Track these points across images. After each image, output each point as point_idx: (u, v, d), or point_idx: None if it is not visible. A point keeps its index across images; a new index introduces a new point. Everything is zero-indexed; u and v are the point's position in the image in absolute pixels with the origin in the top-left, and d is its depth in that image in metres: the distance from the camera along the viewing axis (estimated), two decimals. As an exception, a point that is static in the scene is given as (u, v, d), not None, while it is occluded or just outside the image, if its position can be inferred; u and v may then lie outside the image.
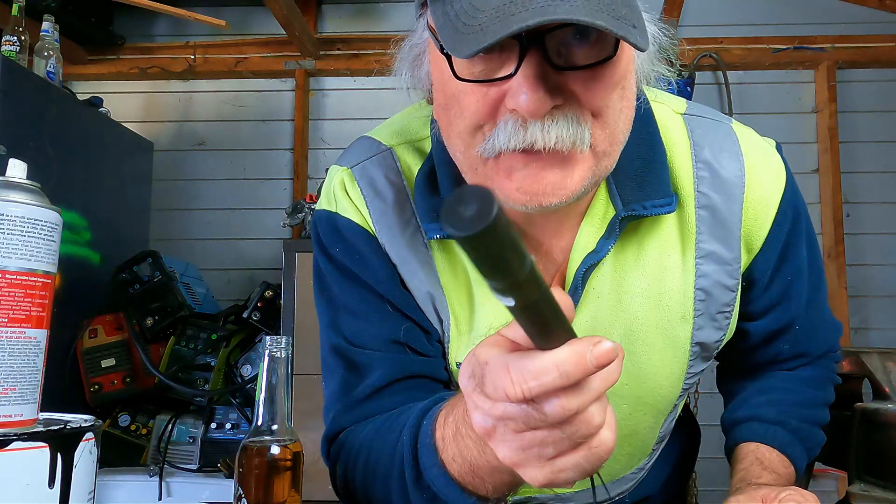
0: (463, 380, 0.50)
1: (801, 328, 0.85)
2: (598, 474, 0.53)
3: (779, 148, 0.82)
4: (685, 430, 1.05)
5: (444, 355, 0.82)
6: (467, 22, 0.56)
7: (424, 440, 0.65)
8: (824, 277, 0.89)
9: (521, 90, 0.58)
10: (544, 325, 0.43)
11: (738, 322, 0.82)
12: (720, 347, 0.83)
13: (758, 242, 0.78)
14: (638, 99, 0.69)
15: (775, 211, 0.78)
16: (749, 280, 0.81)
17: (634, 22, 0.56)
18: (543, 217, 0.74)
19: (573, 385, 0.45)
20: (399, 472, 0.69)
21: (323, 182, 0.86)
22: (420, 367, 0.80)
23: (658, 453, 0.95)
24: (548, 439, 0.48)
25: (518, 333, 0.48)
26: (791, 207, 0.79)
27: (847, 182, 2.75)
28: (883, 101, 2.81)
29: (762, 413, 0.86)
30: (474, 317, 0.79)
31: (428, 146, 0.80)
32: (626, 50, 0.63)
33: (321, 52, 2.85)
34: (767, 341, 0.86)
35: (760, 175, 0.77)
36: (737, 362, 0.92)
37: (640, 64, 0.68)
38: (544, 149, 0.60)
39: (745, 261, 0.79)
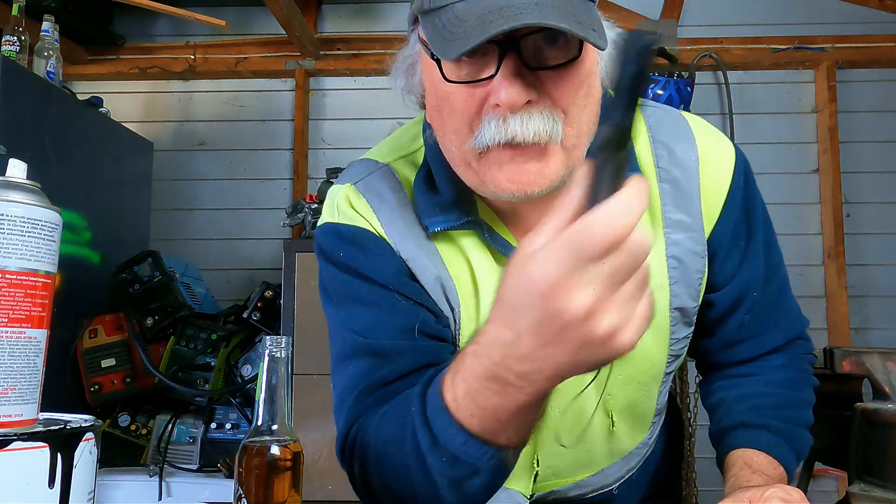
0: (549, 272, 0.51)
1: (760, 297, 0.90)
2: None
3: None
4: (670, 407, 1.08)
5: (455, 342, 0.85)
6: (453, 30, 0.66)
7: (434, 406, 0.67)
8: (783, 263, 0.94)
9: (501, 87, 0.67)
10: (615, 175, 0.51)
11: (705, 295, 0.88)
12: (697, 311, 0.90)
13: (716, 212, 0.85)
14: (603, 96, 0.78)
15: (728, 183, 0.86)
16: (713, 250, 0.87)
17: (594, 26, 0.66)
18: (530, 206, 0.79)
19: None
20: (413, 444, 0.70)
21: (323, 197, 0.88)
22: (446, 353, 0.82)
23: (658, 426, 0.99)
24: (639, 282, 0.52)
25: (560, 220, 0.51)
26: (743, 179, 0.87)
27: (847, 182, 2.75)
28: (883, 101, 2.81)
29: (745, 419, 0.88)
30: (479, 305, 0.84)
31: (420, 158, 0.87)
32: (589, 52, 0.72)
33: (321, 52, 2.85)
34: (730, 312, 0.90)
35: (712, 152, 0.86)
36: (707, 350, 0.95)
37: (603, 66, 0.77)
38: (524, 142, 0.68)
39: (707, 230, 0.86)
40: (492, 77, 0.68)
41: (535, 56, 0.69)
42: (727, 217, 0.86)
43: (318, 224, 0.88)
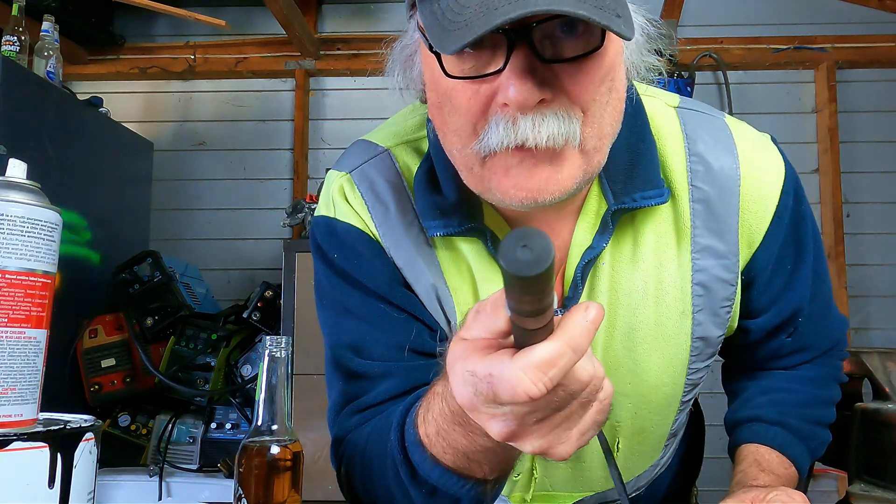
0: (465, 398, 0.49)
1: (804, 321, 0.84)
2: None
3: (774, 141, 0.82)
4: (691, 419, 1.04)
5: None
6: (453, 19, 0.57)
7: (410, 439, 0.66)
8: (828, 270, 0.88)
9: (510, 83, 0.58)
10: (538, 335, 0.45)
11: (739, 320, 0.82)
12: (722, 340, 0.83)
13: (758, 236, 0.77)
14: (628, 91, 0.69)
15: (775, 204, 0.77)
16: (751, 276, 0.80)
17: (619, 11, 0.57)
18: (541, 214, 0.74)
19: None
20: (394, 472, 0.69)
21: (321, 186, 0.86)
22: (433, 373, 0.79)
23: (672, 447, 0.95)
24: (572, 411, 0.49)
25: (487, 327, 0.47)
26: (792, 199, 0.79)
27: (847, 182, 2.75)
28: (883, 101, 2.81)
29: (763, 414, 0.86)
30: None
31: (425, 145, 0.80)
32: (613, 41, 0.63)
33: (321, 52, 2.85)
34: (769, 336, 0.85)
35: (757, 168, 0.76)
36: (739, 359, 0.91)
37: (629, 55, 0.68)
38: (535, 147, 0.60)
39: (745, 255, 0.78)
40: (499, 72, 0.59)
41: (550, 46, 0.60)
42: (771, 242, 0.78)
43: (315, 214, 0.84)
